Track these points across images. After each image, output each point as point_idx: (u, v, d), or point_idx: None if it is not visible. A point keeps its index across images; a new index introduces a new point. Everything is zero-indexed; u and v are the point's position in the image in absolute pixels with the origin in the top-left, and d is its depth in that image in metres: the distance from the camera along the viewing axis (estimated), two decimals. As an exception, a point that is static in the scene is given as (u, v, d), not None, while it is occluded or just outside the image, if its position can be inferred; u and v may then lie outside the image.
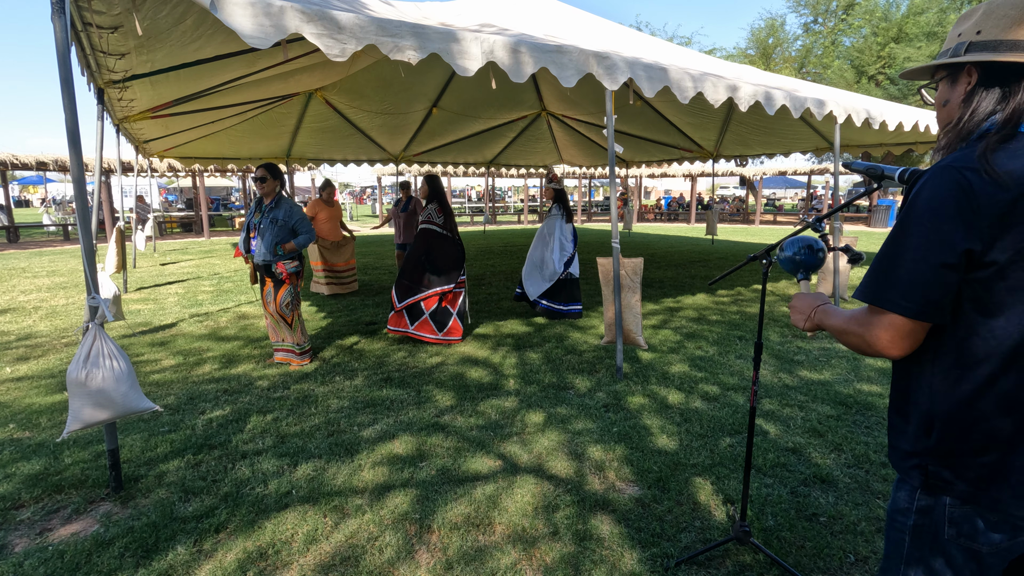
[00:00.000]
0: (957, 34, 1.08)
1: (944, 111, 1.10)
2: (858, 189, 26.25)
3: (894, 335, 1.01)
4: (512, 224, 23.16)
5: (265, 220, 4.39)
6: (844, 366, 4.48)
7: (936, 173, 0.98)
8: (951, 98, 1.08)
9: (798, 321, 1.31)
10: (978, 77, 1.02)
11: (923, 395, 1.05)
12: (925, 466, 1.04)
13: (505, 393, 3.93)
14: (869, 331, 1.04)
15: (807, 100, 5.17)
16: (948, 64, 1.08)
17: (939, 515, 1.04)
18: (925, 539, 1.06)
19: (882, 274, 1.02)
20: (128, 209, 16.16)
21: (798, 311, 1.32)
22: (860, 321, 1.07)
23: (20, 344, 5.18)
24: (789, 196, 44.25)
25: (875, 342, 1.03)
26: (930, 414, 1.03)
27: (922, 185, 1.00)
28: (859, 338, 1.06)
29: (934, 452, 1.03)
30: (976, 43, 1.02)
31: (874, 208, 20.20)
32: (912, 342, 1.01)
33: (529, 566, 2.15)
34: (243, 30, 2.57)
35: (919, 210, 0.98)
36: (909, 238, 0.99)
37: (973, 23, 1.05)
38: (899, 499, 1.11)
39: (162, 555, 2.20)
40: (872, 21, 21.61)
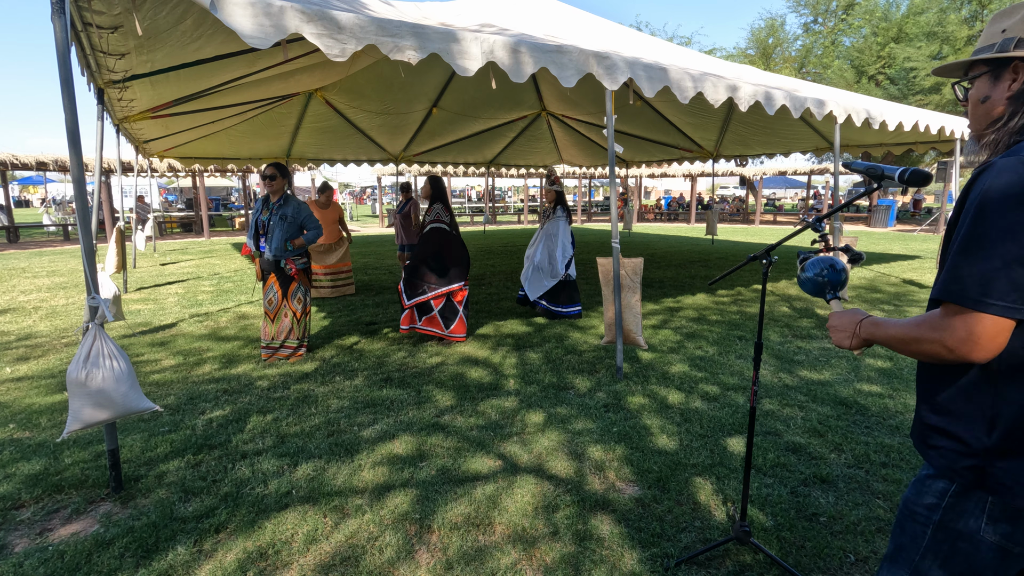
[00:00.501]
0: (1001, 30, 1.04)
1: (982, 107, 1.08)
2: (858, 189, 26.25)
3: (982, 336, 0.94)
4: (512, 224, 23.16)
5: (274, 217, 4.52)
6: (844, 366, 4.48)
7: (1009, 165, 0.94)
8: (992, 95, 1.05)
9: (842, 341, 1.23)
10: None
11: (986, 394, 1.01)
12: (983, 467, 1.02)
13: (505, 393, 3.93)
14: (949, 334, 0.97)
15: (807, 100, 5.17)
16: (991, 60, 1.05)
17: (975, 511, 1.03)
18: (951, 534, 1.05)
19: (963, 271, 0.96)
20: (128, 209, 16.16)
21: (839, 330, 1.24)
22: (936, 325, 0.99)
23: (20, 344, 5.18)
24: (789, 196, 44.26)
25: (959, 346, 0.96)
26: (994, 413, 1.00)
27: (995, 177, 0.95)
28: (936, 344, 0.99)
29: (994, 452, 1.00)
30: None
31: (874, 208, 20.21)
32: (1003, 342, 0.95)
33: (529, 566, 2.15)
34: (243, 30, 2.57)
35: (997, 204, 0.93)
36: (991, 229, 0.93)
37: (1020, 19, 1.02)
38: (925, 493, 1.09)
39: (162, 555, 2.20)
40: (872, 21, 21.62)
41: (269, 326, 4.63)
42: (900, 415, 3.52)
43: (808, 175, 24.87)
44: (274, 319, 4.62)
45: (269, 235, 4.52)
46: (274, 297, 4.59)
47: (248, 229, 4.64)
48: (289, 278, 4.59)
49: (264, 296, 4.63)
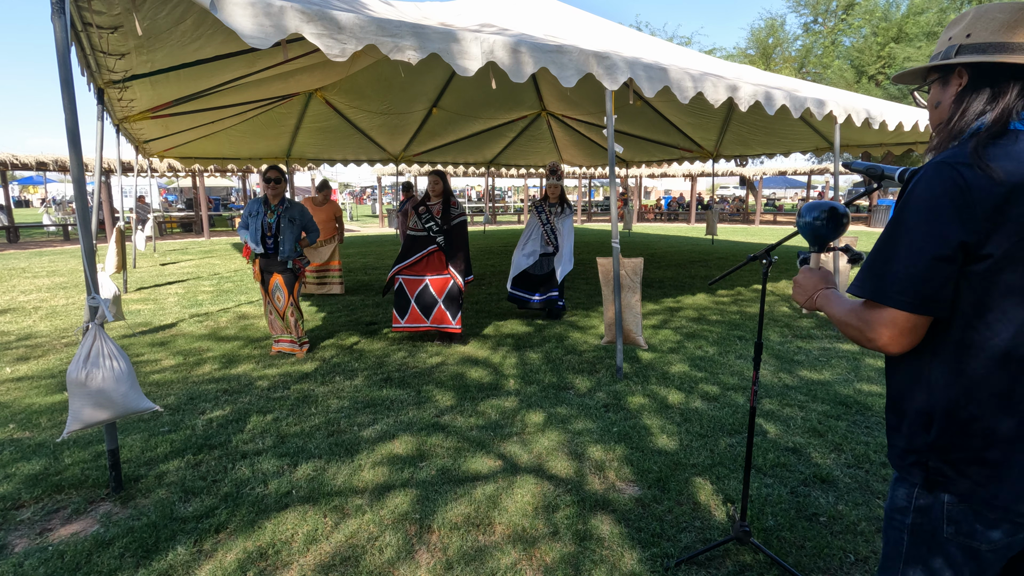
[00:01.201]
0: (948, 38, 1.11)
1: (936, 112, 1.13)
2: (858, 189, 26.26)
3: (894, 331, 1.00)
4: (512, 224, 23.15)
5: (283, 220, 4.66)
6: (844, 366, 4.48)
7: (930, 169, 0.99)
8: (943, 99, 1.11)
9: (798, 297, 1.30)
10: (968, 78, 1.05)
11: (921, 391, 1.04)
12: (925, 463, 1.04)
13: (505, 393, 3.93)
14: (869, 326, 1.03)
15: (807, 100, 5.17)
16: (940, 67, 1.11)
17: (938, 513, 1.04)
18: (924, 538, 1.06)
19: (878, 269, 1.02)
20: (128, 209, 16.16)
21: (800, 287, 1.30)
22: (860, 315, 1.06)
23: (20, 344, 5.18)
24: (789, 196, 44.25)
25: (876, 337, 1.02)
26: (929, 410, 1.03)
27: (917, 181, 1.01)
28: (858, 332, 1.06)
29: (933, 448, 1.03)
30: (966, 46, 1.06)
31: (874, 208, 20.21)
32: (913, 338, 1.01)
33: (529, 566, 2.15)
34: (243, 30, 2.57)
35: (914, 205, 0.99)
36: (905, 233, 0.99)
37: (963, 27, 1.08)
38: (897, 498, 1.11)
39: (162, 555, 2.20)
40: (872, 21, 21.62)
41: (279, 321, 4.77)
42: (900, 415, 3.51)
43: (808, 175, 24.88)
44: (283, 316, 4.74)
45: (280, 237, 4.65)
46: (281, 296, 4.71)
47: (250, 231, 4.66)
48: (295, 277, 4.73)
49: (271, 295, 4.71)
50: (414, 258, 5.07)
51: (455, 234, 5.13)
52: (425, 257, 5.09)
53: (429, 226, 5.08)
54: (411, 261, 5.07)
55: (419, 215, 5.13)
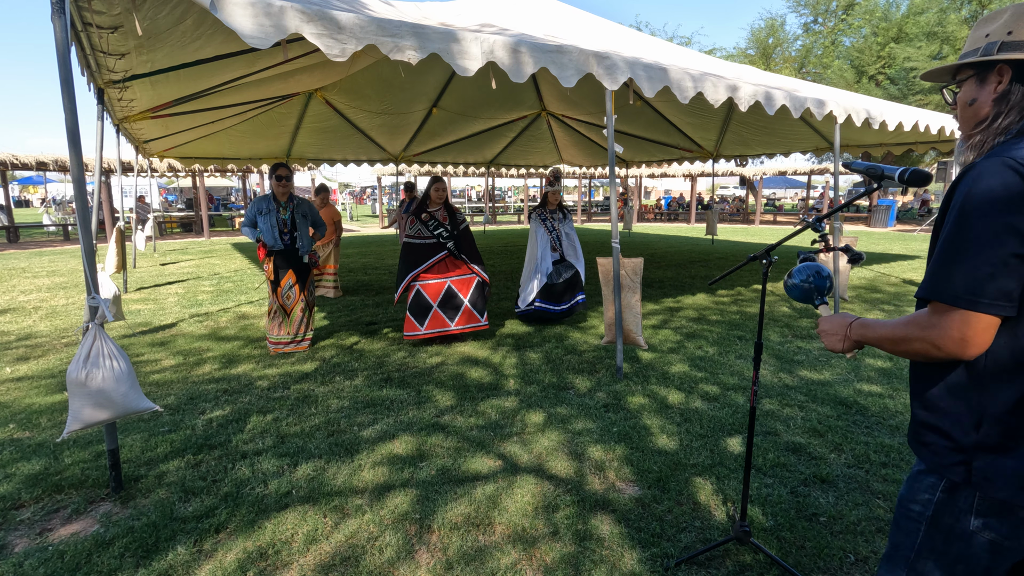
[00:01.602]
0: (984, 35, 1.08)
1: (970, 110, 1.10)
2: (858, 189, 26.25)
3: (969, 333, 0.96)
4: (512, 224, 23.16)
5: (297, 216, 4.73)
6: (844, 366, 4.48)
7: (991, 167, 0.97)
8: (979, 97, 1.08)
9: (834, 345, 1.25)
10: (1012, 76, 1.03)
11: (973, 390, 1.02)
12: (970, 462, 1.03)
13: (505, 393, 3.93)
14: (939, 332, 0.99)
15: (807, 100, 5.17)
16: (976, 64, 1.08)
17: (964, 506, 1.03)
18: (943, 530, 1.06)
19: (949, 271, 0.98)
20: (128, 209, 16.16)
21: (830, 334, 1.26)
22: (923, 324, 1.02)
23: (20, 344, 5.18)
24: (789, 196, 44.25)
25: (947, 343, 0.99)
26: (980, 410, 1.01)
27: (976, 179, 0.98)
28: (925, 343, 1.01)
29: (980, 447, 1.01)
30: (1008, 43, 1.03)
31: (874, 208, 20.21)
32: (988, 339, 0.97)
33: (529, 566, 2.15)
34: (243, 30, 2.57)
35: (979, 203, 0.96)
36: (973, 231, 0.95)
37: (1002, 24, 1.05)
38: (917, 489, 1.10)
39: (162, 555, 2.20)
40: (872, 21, 21.62)
41: (285, 323, 4.78)
42: (900, 415, 3.52)
43: (808, 175, 24.87)
44: (290, 314, 4.78)
45: (296, 232, 4.71)
46: (292, 292, 4.75)
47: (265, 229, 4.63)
48: (307, 271, 4.82)
49: (281, 293, 4.73)
50: (427, 264, 5.02)
51: (465, 238, 5.19)
52: (438, 262, 5.08)
53: (439, 233, 5.06)
54: (425, 267, 5.01)
55: (424, 223, 5.09)
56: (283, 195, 4.68)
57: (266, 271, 4.76)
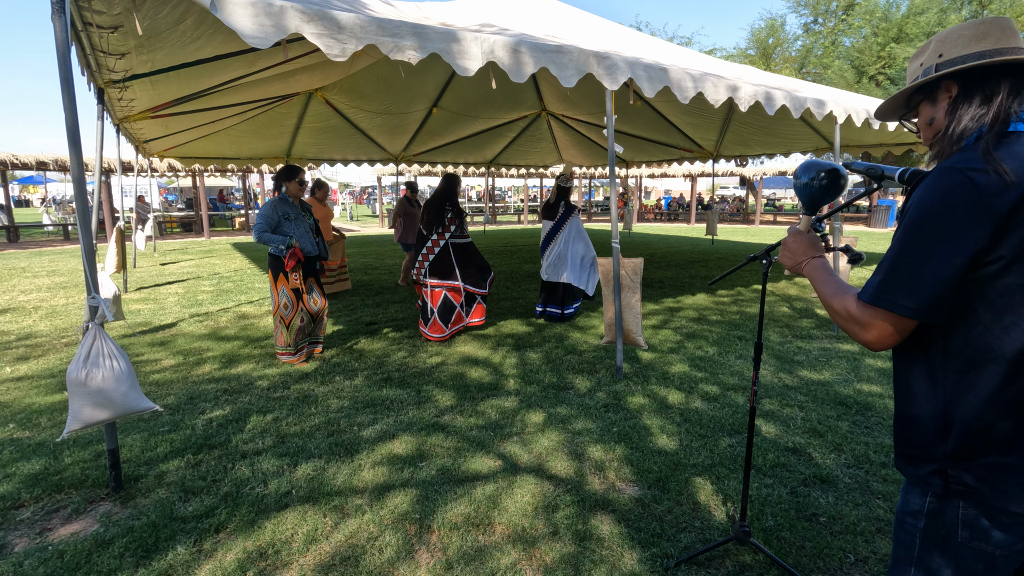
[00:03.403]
0: (919, 64, 1.16)
1: (930, 129, 1.16)
2: (858, 189, 26.24)
3: (889, 332, 1.02)
4: (512, 224, 23.15)
5: (312, 220, 4.71)
6: (844, 366, 4.48)
7: (940, 174, 0.99)
8: (935, 114, 1.14)
9: (785, 259, 1.30)
10: (958, 88, 1.08)
11: (937, 398, 1.04)
12: (944, 471, 1.03)
13: (505, 393, 3.93)
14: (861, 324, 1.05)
15: (807, 100, 5.17)
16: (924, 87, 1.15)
17: (951, 518, 1.03)
18: (936, 542, 1.06)
19: (888, 275, 1.02)
20: (128, 209, 16.16)
21: (789, 250, 1.30)
22: (852, 309, 1.07)
23: (20, 344, 5.18)
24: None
25: (865, 335, 1.05)
26: (946, 417, 1.02)
27: (926, 187, 1.01)
28: (848, 323, 1.08)
29: (953, 456, 1.02)
30: (943, 63, 1.10)
31: (874, 208, 20.21)
32: (901, 339, 1.04)
33: (529, 566, 2.15)
34: (243, 30, 2.57)
35: (925, 211, 0.99)
36: (916, 239, 0.99)
37: (930, 52, 1.13)
38: (910, 502, 1.10)
39: (162, 555, 2.20)
40: (872, 21, 21.61)
41: (311, 328, 4.69)
42: (900, 415, 3.51)
43: (808, 175, 24.80)
44: (316, 318, 4.72)
45: (319, 236, 4.70)
46: (318, 298, 4.69)
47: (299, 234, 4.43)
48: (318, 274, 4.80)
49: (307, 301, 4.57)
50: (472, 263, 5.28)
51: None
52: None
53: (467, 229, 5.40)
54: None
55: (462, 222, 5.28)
56: (297, 197, 4.59)
57: (294, 280, 4.40)
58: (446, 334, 5.18)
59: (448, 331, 5.19)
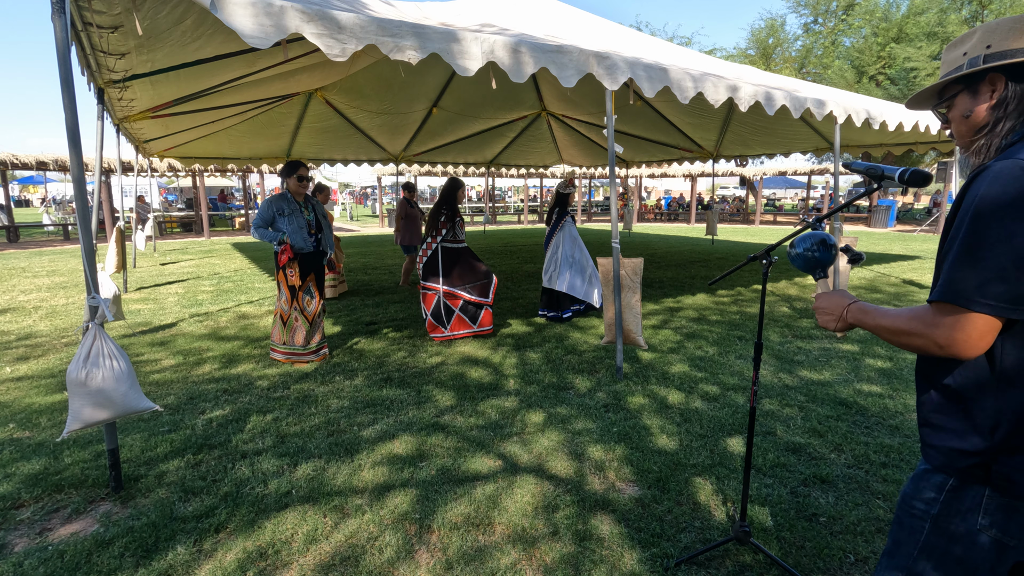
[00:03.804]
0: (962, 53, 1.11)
1: (967, 122, 1.13)
2: (858, 189, 26.25)
3: (974, 335, 0.97)
4: (512, 224, 23.16)
5: (318, 215, 4.61)
6: (844, 366, 4.48)
7: (1004, 169, 0.97)
8: (974, 108, 1.11)
9: (828, 323, 1.25)
10: (1005, 83, 1.06)
11: (989, 393, 1.03)
12: (988, 464, 1.03)
13: (505, 393, 3.93)
14: (941, 332, 1.00)
15: (807, 100, 5.17)
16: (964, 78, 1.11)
17: (972, 505, 1.04)
18: (948, 528, 1.07)
19: (961, 275, 0.98)
20: (128, 209, 16.16)
21: (826, 312, 1.26)
22: (928, 322, 1.02)
23: (20, 344, 5.18)
24: (789, 196, 44.25)
25: (949, 343, 0.99)
26: (997, 412, 1.02)
27: (990, 181, 0.98)
28: (926, 339, 1.02)
29: (1000, 449, 1.01)
30: (990, 55, 1.06)
31: (874, 208, 20.21)
32: (991, 340, 0.99)
33: (529, 566, 2.15)
34: (243, 30, 2.57)
35: (993, 206, 0.96)
36: (988, 234, 0.96)
37: (976, 41, 1.09)
38: (923, 488, 1.11)
39: (162, 555, 2.20)
40: (872, 21, 21.62)
41: (305, 327, 4.50)
42: (900, 415, 3.52)
43: (808, 175, 24.87)
44: (312, 321, 4.54)
45: (320, 233, 4.58)
46: (312, 299, 4.53)
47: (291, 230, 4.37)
48: (323, 273, 4.71)
49: (301, 299, 4.47)
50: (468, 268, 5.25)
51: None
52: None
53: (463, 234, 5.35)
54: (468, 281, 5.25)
55: (457, 227, 5.27)
56: (301, 195, 4.49)
57: (290, 277, 4.39)
58: (445, 335, 5.18)
59: (447, 333, 5.19)
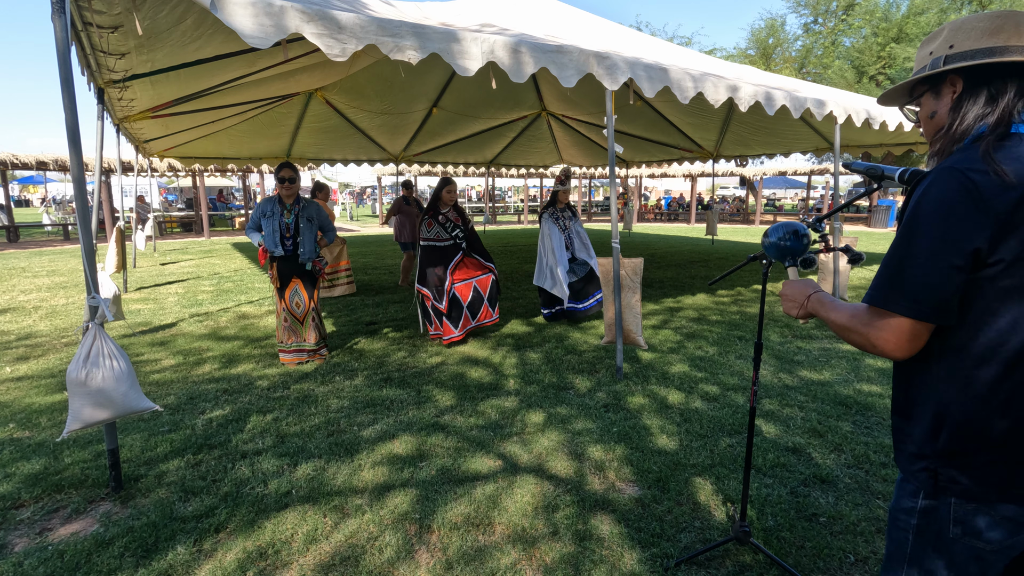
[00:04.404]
0: (928, 52, 1.12)
1: (932, 122, 1.14)
2: (858, 189, 26.25)
3: (900, 337, 1.01)
4: (512, 224, 23.15)
5: (301, 220, 4.50)
6: (844, 366, 4.48)
7: (940, 175, 0.99)
8: (938, 109, 1.12)
9: (790, 309, 1.31)
10: (963, 84, 1.06)
11: (930, 397, 1.04)
12: (934, 469, 1.04)
13: (505, 393, 3.93)
14: (874, 332, 1.03)
15: (807, 100, 5.17)
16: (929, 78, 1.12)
17: (944, 515, 1.04)
18: (929, 539, 1.07)
19: (890, 277, 1.02)
20: (128, 209, 16.16)
21: (789, 299, 1.32)
22: (864, 321, 1.06)
23: (20, 344, 5.18)
24: (789, 196, 44.23)
25: (880, 343, 1.03)
26: (939, 416, 1.03)
27: (926, 187, 1.00)
28: (862, 337, 1.06)
29: (943, 454, 1.03)
30: (952, 55, 1.07)
31: (874, 208, 20.20)
32: (918, 344, 1.01)
33: (529, 566, 2.15)
34: (244, 30, 2.57)
35: (925, 212, 0.98)
36: (917, 240, 0.99)
37: (942, 41, 1.09)
38: (903, 499, 1.11)
39: (162, 555, 2.20)
40: (872, 21, 21.62)
41: (299, 329, 4.55)
42: (900, 415, 3.51)
43: (808, 175, 24.86)
44: (303, 321, 4.56)
45: (299, 238, 4.48)
46: (301, 300, 4.54)
47: (266, 233, 4.43)
48: (315, 279, 4.62)
49: (289, 300, 4.51)
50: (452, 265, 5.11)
51: (475, 237, 5.34)
52: (460, 262, 5.18)
53: (455, 234, 5.16)
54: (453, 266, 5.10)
55: (443, 226, 5.16)
56: (288, 197, 4.46)
57: (271, 277, 4.54)
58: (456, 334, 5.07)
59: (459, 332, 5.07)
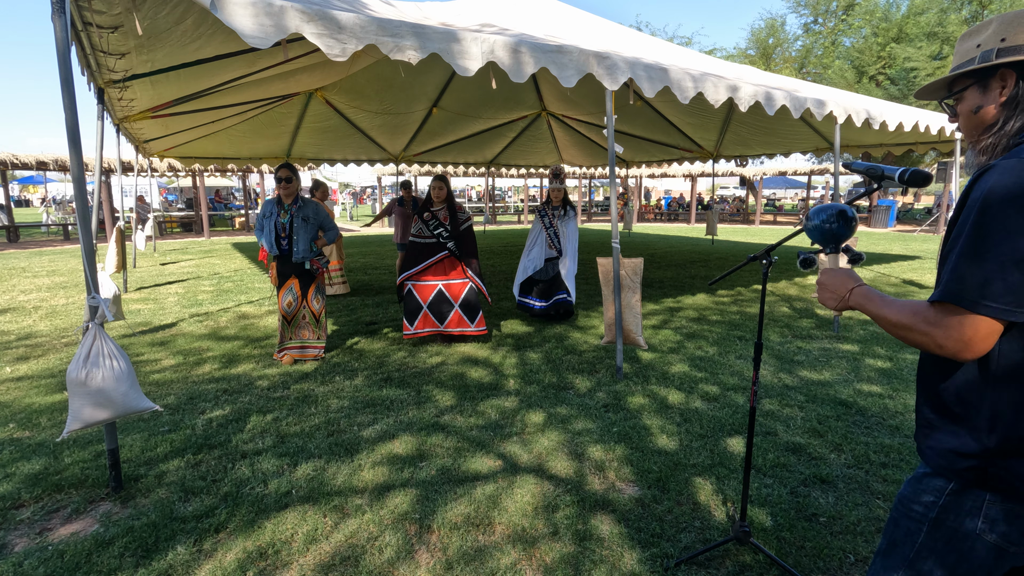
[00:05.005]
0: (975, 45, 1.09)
1: (975, 118, 1.11)
2: (858, 189, 26.25)
3: (975, 337, 0.95)
4: (512, 224, 23.15)
5: (297, 220, 4.51)
6: (844, 366, 4.48)
7: (1011, 167, 0.95)
8: (984, 103, 1.09)
9: (827, 300, 1.21)
10: (1016, 80, 1.03)
11: (986, 396, 1.01)
12: (984, 467, 1.02)
13: (505, 393, 3.93)
14: (941, 332, 0.98)
15: (807, 100, 5.17)
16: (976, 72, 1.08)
17: (972, 508, 1.03)
18: (947, 531, 1.06)
19: (964, 274, 0.96)
20: (128, 209, 16.17)
21: (829, 289, 1.21)
22: (929, 320, 1.00)
23: (20, 344, 5.18)
24: (789, 196, 44.23)
25: (950, 344, 0.97)
26: (994, 414, 1.00)
27: (996, 178, 0.96)
28: (926, 336, 1.00)
29: (997, 452, 1.00)
30: (1004, 49, 1.04)
31: (874, 208, 20.21)
32: (990, 343, 0.96)
33: (529, 566, 2.15)
34: (244, 30, 2.57)
35: (998, 203, 0.93)
36: (993, 236, 0.93)
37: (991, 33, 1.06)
38: (921, 491, 1.10)
39: (162, 555, 2.20)
40: (872, 21, 21.63)
41: (286, 329, 4.61)
42: (900, 415, 3.51)
43: (808, 175, 24.87)
44: (291, 321, 4.59)
45: (294, 237, 4.50)
46: (293, 300, 4.56)
47: (262, 233, 4.51)
48: (312, 279, 4.62)
49: (282, 300, 4.56)
50: (424, 264, 5.02)
51: (466, 240, 5.14)
52: (436, 263, 5.06)
53: (438, 232, 5.05)
54: (421, 267, 5.02)
55: (425, 222, 5.09)
56: (287, 197, 4.49)
57: (270, 276, 4.62)
58: (411, 333, 5.00)
59: (412, 331, 5.00)
